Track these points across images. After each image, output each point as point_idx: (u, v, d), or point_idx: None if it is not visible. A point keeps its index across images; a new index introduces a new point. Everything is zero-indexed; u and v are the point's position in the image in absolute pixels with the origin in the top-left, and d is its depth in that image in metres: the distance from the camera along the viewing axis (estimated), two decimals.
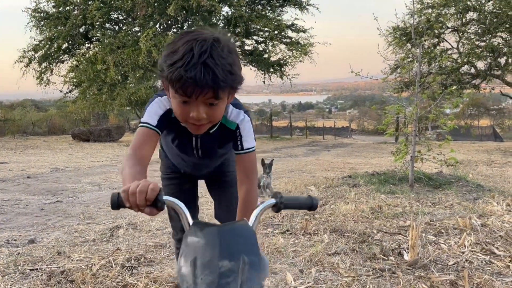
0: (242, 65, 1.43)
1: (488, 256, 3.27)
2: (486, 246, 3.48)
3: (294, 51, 22.77)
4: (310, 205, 1.30)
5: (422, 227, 3.94)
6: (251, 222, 1.19)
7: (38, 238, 3.89)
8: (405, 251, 3.34)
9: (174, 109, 1.41)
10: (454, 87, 8.51)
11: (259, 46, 23.70)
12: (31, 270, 3.00)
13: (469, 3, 19.26)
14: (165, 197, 1.15)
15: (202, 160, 1.86)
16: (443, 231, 3.95)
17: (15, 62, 21.21)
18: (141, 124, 1.53)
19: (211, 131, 1.61)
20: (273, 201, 1.24)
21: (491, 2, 19.09)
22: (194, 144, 1.74)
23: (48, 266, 3.06)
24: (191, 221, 1.17)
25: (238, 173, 1.68)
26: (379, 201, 5.34)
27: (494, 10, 18.86)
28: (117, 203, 1.14)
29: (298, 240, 3.70)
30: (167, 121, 1.56)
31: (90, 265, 3.02)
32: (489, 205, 5.06)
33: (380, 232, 3.92)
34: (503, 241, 3.65)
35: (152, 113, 1.54)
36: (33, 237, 3.89)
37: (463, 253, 3.34)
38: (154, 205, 1.12)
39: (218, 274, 0.99)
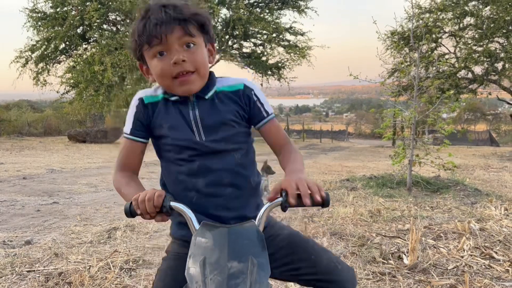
0: (240, 67, 1.39)
1: (488, 261, 3.27)
2: (485, 250, 3.48)
3: (292, 54, 22.85)
4: (321, 201, 1.15)
5: (421, 231, 3.93)
6: (257, 222, 1.18)
7: (35, 239, 3.86)
8: (405, 254, 3.33)
9: (156, 73, 1.33)
10: (452, 92, 8.53)
11: (257, 48, 23.76)
12: (28, 271, 2.97)
13: (466, 8, 19.37)
14: (172, 203, 1.17)
15: (208, 145, 1.37)
16: (442, 235, 3.95)
17: (12, 62, 21.15)
18: (123, 135, 1.46)
19: (206, 96, 1.38)
20: (279, 200, 1.16)
21: (488, 7, 19.21)
22: (192, 118, 1.37)
23: (45, 268, 3.03)
24: (197, 226, 1.17)
25: (274, 146, 1.46)
26: (377, 204, 5.33)
27: (491, 16, 18.98)
28: (129, 212, 1.17)
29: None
30: (146, 112, 1.40)
31: (88, 267, 2.99)
32: (487, 210, 5.06)
33: (379, 236, 3.91)
34: (502, 246, 3.64)
35: (128, 119, 1.42)
36: (29, 238, 3.86)
37: (462, 257, 3.34)
38: (161, 210, 1.15)
39: (227, 275, 1.00)
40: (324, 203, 1.14)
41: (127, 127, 1.41)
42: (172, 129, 1.38)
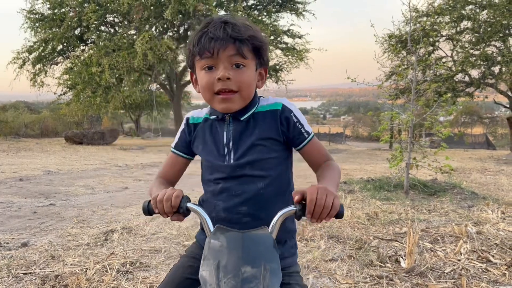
0: None
1: (485, 264, 3.27)
2: (482, 254, 3.49)
3: (290, 57, 22.88)
4: (336, 212, 1.16)
5: (418, 234, 3.93)
6: (270, 229, 1.19)
7: (31, 242, 3.84)
8: (402, 258, 3.33)
9: (200, 85, 1.37)
10: (449, 95, 8.55)
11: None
12: (24, 274, 2.95)
13: (463, 12, 19.44)
14: (188, 204, 1.22)
15: (234, 169, 1.37)
16: (439, 238, 3.96)
17: (9, 64, 21.10)
18: (170, 148, 1.56)
19: (242, 118, 1.38)
20: (293, 208, 1.17)
21: (485, 11, 19.29)
22: (225, 139, 1.38)
23: (42, 270, 3.02)
24: (211, 228, 1.20)
25: (314, 165, 1.44)
26: (374, 207, 5.34)
27: (488, 19, 19.06)
28: (147, 210, 1.24)
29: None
30: (189, 132, 1.49)
31: (85, 270, 2.98)
32: (484, 213, 5.07)
33: (377, 239, 3.91)
34: (499, 249, 3.65)
35: (177, 135, 1.53)
36: (26, 240, 3.84)
37: (459, 260, 3.34)
38: (178, 211, 1.21)
39: (241, 279, 1.03)
40: (338, 216, 1.16)
41: (175, 142, 1.53)
42: (206, 150, 1.44)
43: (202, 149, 1.45)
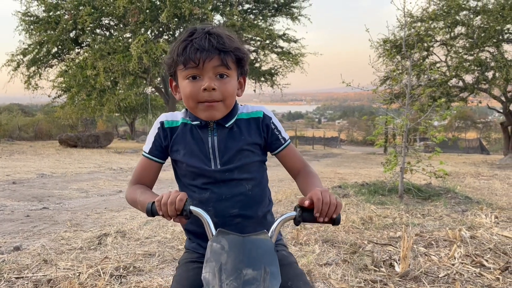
0: None
1: (478, 269, 3.28)
2: (476, 258, 3.49)
3: (285, 61, 22.94)
4: (333, 219, 1.23)
5: (412, 238, 3.94)
6: (270, 234, 1.25)
7: (24, 245, 3.81)
8: (396, 262, 3.33)
9: (184, 94, 1.38)
10: (443, 100, 8.59)
11: (250, 55, 23.84)
12: (16, 278, 2.92)
13: (457, 17, 19.60)
14: (191, 207, 1.24)
15: (222, 174, 1.43)
16: (433, 242, 3.96)
17: (3, 66, 21.01)
18: (142, 153, 1.54)
19: (226, 125, 1.43)
20: (293, 213, 1.25)
21: (479, 17, 19.45)
22: (210, 145, 1.43)
23: (34, 274, 2.99)
24: (213, 231, 1.23)
25: (291, 170, 1.53)
26: (369, 211, 5.34)
27: (482, 25, 19.22)
28: (151, 211, 1.25)
29: (290, 250, 3.67)
30: (165, 136, 1.48)
31: (78, 274, 2.96)
32: (478, 217, 5.09)
33: (371, 243, 3.91)
34: (493, 254, 3.66)
35: (148, 139, 1.51)
36: (18, 244, 3.80)
37: (453, 265, 3.35)
38: (181, 213, 1.22)
39: (242, 281, 1.07)
40: (335, 222, 1.23)
41: (147, 147, 1.50)
42: (188, 155, 1.44)
43: (184, 154, 1.45)
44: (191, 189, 1.46)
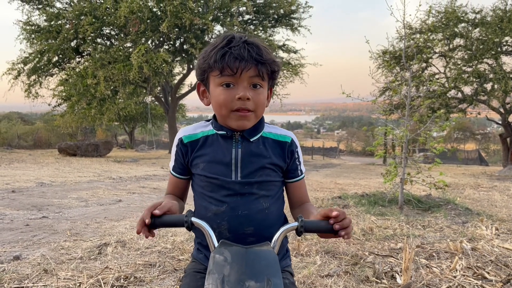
0: None
1: (480, 281, 3.27)
2: (478, 270, 3.48)
3: (285, 71, 23.04)
4: (332, 228, 1.23)
5: (414, 250, 3.93)
6: (272, 245, 1.24)
7: (24, 255, 3.79)
8: (398, 274, 3.32)
9: (216, 101, 1.38)
10: (442, 111, 8.64)
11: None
12: None
13: (456, 29, 19.75)
14: (193, 219, 1.24)
15: (242, 186, 1.42)
16: (434, 254, 3.95)
17: (3, 74, 21.07)
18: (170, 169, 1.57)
19: (251, 139, 1.44)
20: (294, 224, 1.25)
21: (477, 29, 19.60)
22: (234, 155, 1.42)
23: (34, 284, 2.97)
24: (216, 243, 1.22)
25: (296, 201, 1.55)
26: (369, 222, 5.33)
27: (480, 37, 19.36)
28: (153, 223, 1.25)
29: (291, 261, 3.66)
30: (185, 151, 1.48)
31: (78, 284, 2.94)
32: (478, 229, 5.08)
33: (372, 255, 3.90)
34: (494, 266, 3.65)
35: (171, 156, 1.54)
36: (18, 253, 3.78)
37: (455, 277, 3.34)
38: (183, 225, 1.24)
39: None
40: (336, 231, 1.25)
41: (171, 163, 1.54)
42: (210, 165, 1.44)
43: (205, 167, 1.45)
44: (208, 200, 1.45)
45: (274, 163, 1.45)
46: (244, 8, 20.47)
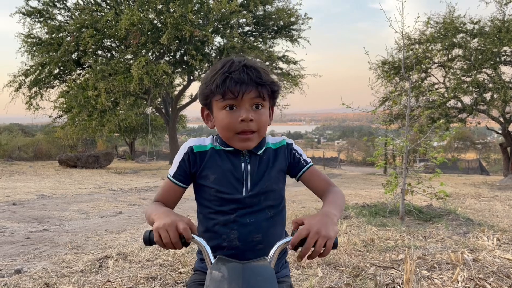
0: None
1: None
2: (479, 282, 3.47)
3: (285, 82, 23.14)
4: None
5: (415, 261, 3.92)
6: (269, 259, 1.25)
7: (25, 268, 3.78)
8: (400, 286, 3.31)
9: (220, 124, 1.43)
10: (442, 121, 8.67)
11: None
12: None
13: (454, 40, 19.87)
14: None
15: (251, 199, 1.46)
16: (436, 265, 3.94)
17: (5, 86, 21.18)
18: (167, 175, 1.56)
19: (258, 152, 1.50)
20: (290, 238, 1.25)
21: (476, 39, 19.73)
22: (243, 171, 1.47)
23: None
24: (212, 260, 1.23)
25: (317, 191, 1.55)
26: (370, 233, 5.32)
27: (479, 47, 19.48)
28: (148, 240, 1.25)
29: (292, 273, 3.65)
30: (194, 160, 1.50)
31: None
32: (480, 240, 5.07)
33: (374, 266, 3.89)
34: (496, 277, 3.64)
35: (174, 163, 1.53)
36: (19, 267, 3.78)
37: None
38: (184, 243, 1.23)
39: None
40: (334, 245, 1.22)
41: (172, 170, 1.52)
42: (220, 181, 1.47)
43: (214, 180, 1.47)
44: (215, 212, 1.48)
45: (278, 170, 1.52)
46: (244, 20, 20.62)
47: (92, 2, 21.26)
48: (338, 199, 1.45)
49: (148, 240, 1.24)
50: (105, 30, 19.82)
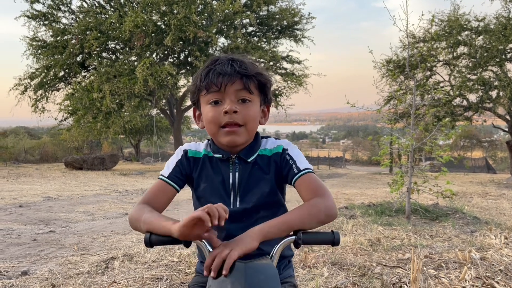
0: None
1: None
2: (487, 280, 3.45)
3: (289, 82, 23.12)
4: (332, 240, 1.23)
5: (422, 260, 3.90)
6: (271, 258, 1.24)
7: (31, 270, 3.80)
8: (406, 285, 3.29)
9: (206, 119, 1.39)
10: (448, 119, 8.62)
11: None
12: None
13: (459, 37, 19.77)
14: None
15: (239, 213, 1.39)
16: (443, 264, 3.91)
17: (11, 90, 21.29)
18: (159, 176, 1.48)
19: (249, 159, 1.41)
20: (292, 237, 1.24)
21: (481, 37, 19.62)
22: (231, 181, 1.41)
23: None
24: None
25: (303, 197, 1.37)
26: (376, 233, 5.30)
27: (484, 45, 19.36)
28: (149, 242, 1.25)
29: (298, 273, 3.64)
30: (188, 164, 1.45)
31: None
32: (487, 238, 5.03)
33: (380, 265, 3.87)
34: (503, 276, 3.61)
35: (169, 164, 1.47)
36: (26, 268, 3.80)
37: (464, 287, 3.30)
38: (179, 242, 1.21)
39: None
40: (334, 242, 1.22)
41: (166, 171, 1.44)
42: (209, 191, 1.42)
43: (204, 188, 1.43)
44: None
45: (271, 181, 1.41)
46: (248, 20, 20.61)
47: (96, 4, 21.34)
48: (301, 211, 1.29)
49: (149, 242, 1.23)
50: (109, 32, 19.88)
